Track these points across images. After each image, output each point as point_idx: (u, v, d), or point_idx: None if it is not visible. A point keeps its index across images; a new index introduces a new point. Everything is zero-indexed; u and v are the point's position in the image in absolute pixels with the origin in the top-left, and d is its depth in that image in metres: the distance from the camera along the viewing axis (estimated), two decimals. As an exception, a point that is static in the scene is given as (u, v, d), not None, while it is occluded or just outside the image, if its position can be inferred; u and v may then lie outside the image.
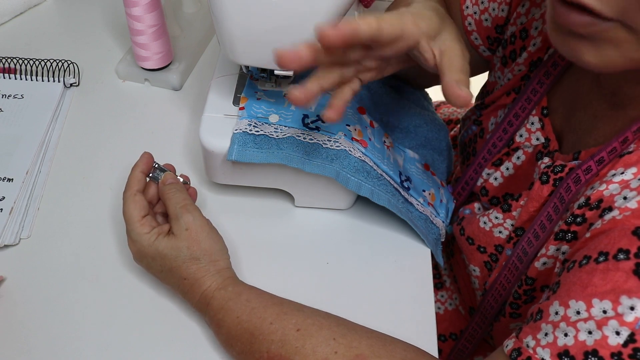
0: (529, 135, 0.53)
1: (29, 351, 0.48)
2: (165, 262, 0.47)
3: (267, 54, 0.48)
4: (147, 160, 0.52)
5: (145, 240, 0.47)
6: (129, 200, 0.49)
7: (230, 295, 0.46)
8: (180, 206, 0.49)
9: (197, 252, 0.47)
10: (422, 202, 0.56)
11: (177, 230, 0.48)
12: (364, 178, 0.51)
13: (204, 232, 0.48)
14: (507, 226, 0.52)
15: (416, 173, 0.58)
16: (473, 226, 0.55)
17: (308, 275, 0.54)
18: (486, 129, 0.59)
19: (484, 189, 0.57)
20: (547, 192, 0.47)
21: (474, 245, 0.55)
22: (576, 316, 0.36)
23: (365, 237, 0.57)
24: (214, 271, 0.47)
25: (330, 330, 0.44)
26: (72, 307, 0.51)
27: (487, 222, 0.54)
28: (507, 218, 0.52)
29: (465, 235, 0.56)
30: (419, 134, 0.59)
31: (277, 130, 0.52)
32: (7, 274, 0.52)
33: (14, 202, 0.57)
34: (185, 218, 0.48)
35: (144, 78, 0.70)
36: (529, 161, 0.52)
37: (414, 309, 0.52)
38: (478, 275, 0.56)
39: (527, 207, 0.49)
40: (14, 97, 0.67)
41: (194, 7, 0.77)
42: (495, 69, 0.59)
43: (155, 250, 0.47)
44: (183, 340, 0.49)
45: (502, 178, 0.55)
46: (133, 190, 0.49)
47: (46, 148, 0.62)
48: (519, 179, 0.54)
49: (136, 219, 0.48)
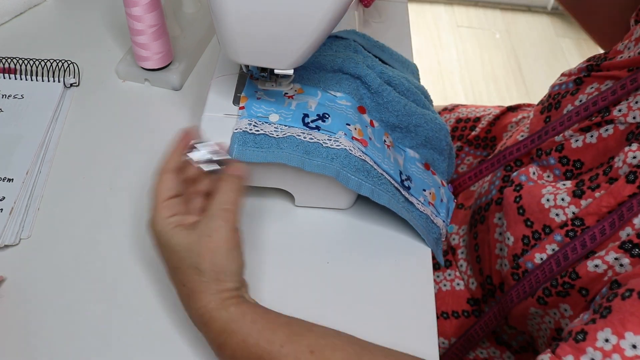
0: (627, 112, 0.50)
1: (29, 351, 0.48)
2: (172, 258, 0.44)
3: (267, 54, 0.48)
4: (187, 136, 0.47)
5: (160, 225, 0.44)
6: (156, 180, 0.45)
7: (233, 316, 0.42)
8: (222, 208, 0.44)
9: (204, 264, 0.42)
10: (422, 201, 0.56)
11: (200, 231, 0.43)
12: (365, 177, 0.51)
13: (224, 247, 0.43)
14: (568, 212, 0.50)
15: (416, 172, 0.58)
16: (533, 199, 0.53)
17: (308, 275, 0.54)
18: (582, 91, 0.56)
19: (561, 145, 0.54)
20: (629, 193, 0.45)
21: (524, 216, 0.53)
22: (632, 350, 0.35)
23: (366, 237, 0.57)
24: (214, 290, 0.43)
25: (345, 352, 0.42)
26: (73, 307, 0.51)
27: (550, 200, 0.51)
28: (572, 204, 0.50)
29: (519, 204, 0.53)
30: (419, 133, 0.59)
31: (277, 129, 0.52)
32: (8, 274, 0.52)
33: (14, 202, 0.57)
34: (215, 222, 0.43)
35: (144, 78, 0.70)
36: (616, 138, 0.50)
37: (414, 309, 0.52)
38: (509, 245, 0.54)
39: (601, 200, 0.47)
40: (14, 97, 0.67)
41: (194, 7, 0.77)
42: (632, 38, 0.55)
43: (168, 240, 0.44)
44: (183, 340, 0.49)
45: (582, 143, 0.53)
46: (164, 168, 0.45)
47: (46, 148, 0.62)
48: (598, 151, 0.51)
49: (159, 199, 0.44)
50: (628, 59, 0.53)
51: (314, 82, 0.56)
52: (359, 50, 0.61)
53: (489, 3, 2.38)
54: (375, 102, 0.58)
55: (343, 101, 0.55)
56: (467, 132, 0.80)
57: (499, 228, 0.60)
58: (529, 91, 2.03)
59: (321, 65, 0.57)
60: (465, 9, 2.38)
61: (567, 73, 0.61)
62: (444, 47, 2.19)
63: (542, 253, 0.51)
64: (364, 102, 0.57)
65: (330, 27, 0.46)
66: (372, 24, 0.81)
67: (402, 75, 0.61)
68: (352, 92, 0.56)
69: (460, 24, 2.30)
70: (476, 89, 2.03)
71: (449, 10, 2.37)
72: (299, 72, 0.57)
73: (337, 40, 0.62)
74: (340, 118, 0.53)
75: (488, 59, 2.15)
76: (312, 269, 0.54)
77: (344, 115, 0.54)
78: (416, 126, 0.59)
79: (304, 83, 0.56)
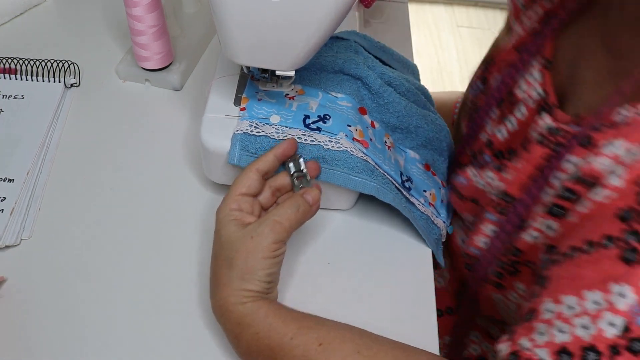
0: (528, 87, 0.51)
1: (30, 351, 0.48)
2: (216, 245, 0.46)
3: (268, 54, 0.48)
4: (286, 146, 0.49)
5: (222, 214, 0.46)
6: (242, 173, 0.47)
7: (248, 311, 0.44)
8: (275, 219, 0.45)
9: (237, 260, 0.44)
10: (423, 202, 0.56)
11: (247, 231, 0.45)
12: (368, 177, 0.51)
13: (260, 253, 0.44)
14: (500, 189, 0.51)
15: (417, 173, 0.58)
16: (470, 187, 0.55)
17: (309, 275, 0.54)
18: (490, 86, 0.57)
19: (489, 141, 0.55)
20: (543, 156, 0.46)
21: (466, 203, 0.54)
22: (569, 311, 0.35)
23: (366, 237, 0.57)
24: (236, 287, 0.44)
25: (354, 343, 0.43)
26: (73, 307, 0.51)
27: (480, 182, 0.53)
28: (500, 180, 0.51)
29: (464, 196, 0.55)
30: (420, 134, 0.59)
31: (278, 131, 0.52)
32: (8, 275, 0.52)
33: (15, 203, 0.57)
34: (263, 228, 0.44)
35: (145, 78, 0.70)
36: (532, 116, 0.51)
37: (414, 309, 0.52)
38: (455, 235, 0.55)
39: (519, 170, 0.48)
40: (14, 97, 0.67)
41: (194, 7, 0.77)
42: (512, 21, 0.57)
43: (220, 228, 0.46)
44: (184, 341, 0.49)
45: (507, 133, 0.53)
46: (252, 167, 0.47)
47: (47, 148, 0.62)
48: (522, 135, 0.52)
49: (234, 192, 0.46)
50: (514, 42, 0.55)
51: (315, 83, 0.56)
52: (359, 51, 0.61)
53: (489, 3, 2.38)
54: (376, 103, 0.58)
55: (344, 102, 0.55)
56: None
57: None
58: (528, 91, 2.03)
59: (322, 66, 0.57)
60: (465, 9, 2.38)
61: (474, 77, 0.63)
62: (444, 47, 2.19)
63: (479, 235, 0.52)
64: (364, 103, 0.57)
65: (332, 29, 0.46)
66: (372, 24, 0.81)
67: (402, 76, 0.61)
68: (353, 93, 0.56)
69: (460, 24, 2.30)
70: (476, 88, 2.03)
71: (449, 10, 2.37)
72: (300, 73, 0.57)
73: (338, 41, 0.62)
74: (341, 119, 0.53)
75: (488, 59, 2.15)
76: (313, 269, 0.54)
77: (345, 117, 0.54)
78: (416, 127, 0.59)
79: (305, 84, 0.56)
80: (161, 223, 0.57)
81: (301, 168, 0.49)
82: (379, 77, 0.58)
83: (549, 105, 0.49)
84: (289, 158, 0.50)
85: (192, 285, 0.52)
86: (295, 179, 0.49)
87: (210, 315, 0.50)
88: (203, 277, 0.53)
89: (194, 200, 0.59)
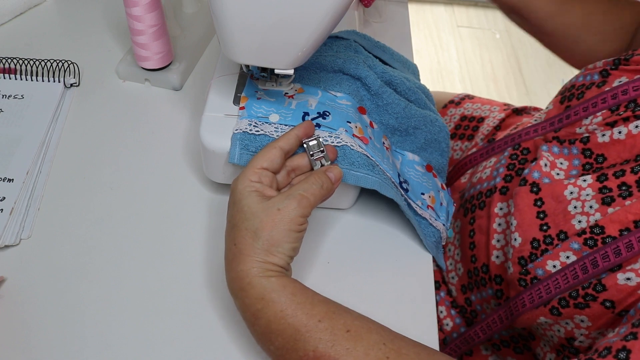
0: None
1: (30, 351, 0.48)
2: (236, 216, 0.44)
3: (267, 53, 0.48)
4: (307, 125, 0.49)
5: (242, 185, 0.45)
6: (265, 148, 0.47)
7: (274, 286, 0.42)
8: (300, 193, 0.44)
9: (262, 232, 0.43)
10: (420, 205, 0.56)
11: (272, 203, 0.44)
12: (370, 171, 0.51)
13: (287, 225, 0.43)
14: (591, 220, 0.48)
15: (414, 176, 0.58)
16: (559, 205, 0.50)
17: (309, 274, 0.54)
18: (609, 83, 0.54)
19: (587, 137, 0.53)
20: None
21: (542, 220, 0.51)
22: None
23: (366, 236, 0.57)
24: (261, 259, 0.43)
25: (379, 335, 0.42)
26: (73, 307, 0.51)
27: (578, 207, 0.49)
28: (598, 211, 0.48)
29: (541, 208, 0.52)
30: (419, 135, 0.59)
31: (278, 129, 0.52)
32: (8, 275, 0.52)
33: (15, 203, 0.57)
34: (290, 201, 0.44)
35: (144, 78, 0.70)
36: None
37: (414, 309, 0.52)
38: (515, 246, 0.53)
39: (630, 208, 0.45)
40: (14, 97, 0.67)
41: (194, 7, 0.77)
42: None
43: (240, 198, 0.44)
44: (184, 341, 0.49)
45: (609, 138, 0.51)
46: (276, 143, 0.47)
47: (46, 148, 0.62)
48: (625, 147, 0.50)
49: (255, 165, 0.46)
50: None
51: (315, 82, 0.56)
52: (359, 50, 0.61)
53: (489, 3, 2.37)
54: (375, 104, 0.58)
55: (343, 101, 0.55)
56: (470, 132, 0.80)
57: (498, 219, 0.58)
58: (529, 91, 2.03)
59: (322, 65, 0.57)
60: (465, 9, 2.38)
61: (592, 67, 0.59)
62: (444, 47, 2.19)
63: (554, 260, 0.50)
64: (364, 103, 0.57)
65: (331, 27, 0.46)
66: (372, 24, 0.81)
67: (403, 75, 0.61)
68: (353, 93, 0.56)
69: (460, 24, 2.30)
70: (476, 89, 2.03)
71: (449, 10, 2.37)
72: (300, 72, 0.57)
73: (338, 41, 0.62)
74: (341, 116, 0.53)
75: (488, 59, 2.15)
76: (312, 268, 0.54)
77: (345, 114, 0.54)
78: (415, 128, 0.59)
79: (305, 83, 0.56)
80: (161, 222, 0.57)
81: (321, 148, 0.49)
82: (380, 77, 0.58)
83: None
84: (306, 140, 0.49)
85: (192, 285, 0.52)
86: (316, 159, 0.49)
87: (210, 314, 0.50)
88: (203, 276, 0.53)
89: (194, 199, 0.59)
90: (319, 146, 0.49)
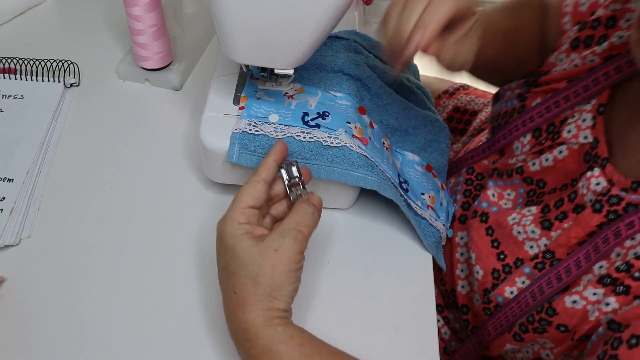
0: (577, 132, 0.49)
1: (30, 351, 0.48)
2: (231, 262, 0.43)
3: (267, 53, 0.48)
4: (281, 148, 0.47)
5: (231, 227, 0.43)
6: (248, 184, 0.45)
7: (281, 336, 0.41)
8: (294, 228, 0.43)
9: (262, 277, 0.41)
10: (420, 205, 0.56)
11: (267, 244, 0.42)
12: (369, 172, 0.51)
13: (286, 266, 0.42)
14: (540, 244, 0.50)
15: (414, 176, 0.58)
16: (505, 231, 0.52)
17: (309, 275, 0.54)
18: (527, 107, 0.55)
19: (520, 168, 0.54)
20: (597, 222, 0.45)
21: (498, 249, 0.52)
22: None
23: (366, 236, 0.57)
24: (265, 306, 0.41)
25: None
26: (73, 307, 0.51)
27: (521, 232, 0.52)
28: (543, 236, 0.50)
29: (493, 237, 0.53)
30: (418, 135, 0.59)
31: (277, 129, 0.52)
32: (8, 275, 0.52)
33: (15, 202, 0.57)
34: (285, 239, 0.42)
35: (144, 78, 0.70)
36: (572, 158, 0.49)
37: (414, 309, 0.52)
38: (479, 279, 0.55)
39: (569, 232, 0.47)
40: (14, 97, 0.67)
41: (194, 7, 0.77)
42: (561, 49, 0.54)
43: (233, 244, 0.42)
44: (183, 341, 0.49)
45: (539, 166, 0.52)
46: (259, 177, 0.45)
47: (46, 148, 0.62)
48: (558, 172, 0.51)
49: (241, 204, 0.44)
50: (564, 71, 0.53)
51: (315, 82, 0.56)
52: (359, 50, 0.61)
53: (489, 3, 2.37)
54: (375, 104, 0.57)
55: (343, 101, 0.55)
56: (462, 125, 0.79)
57: (460, 248, 0.59)
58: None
59: (322, 65, 0.57)
60: (465, 9, 2.37)
61: (509, 87, 0.61)
62: (444, 47, 2.19)
63: (512, 286, 0.51)
64: (364, 104, 0.57)
65: (330, 27, 0.46)
66: (372, 23, 0.81)
67: (403, 76, 0.61)
68: (353, 93, 0.56)
69: (460, 24, 2.29)
70: (476, 88, 2.02)
71: (449, 10, 2.36)
72: (300, 72, 0.57)
73: (338, 41, 0.62)
74: (341, 116, 0.53)
75: (488, 58, 2.15)
76: (312, 268, 0.54)
77: (344, 114, 0.53)
78: (415, 128, 0.59)
79: (305, 83, 0.56)
80: (161, 222, 0.57)
81: (296, 175, 0.48)
82: (380, 78, 0.58)
83: (598, 156, 0.47)
84: (282, 167, 0.48)
85: (192, 285, 0.52)
86: (292, 187, 0.48)
87: (210, 314, 0.50)
88: (203, 277, 0.53)
89: (194, 199, 0.59)
90: (292, 174, 0.48)
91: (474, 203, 0.58)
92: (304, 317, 0.51)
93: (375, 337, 0.50)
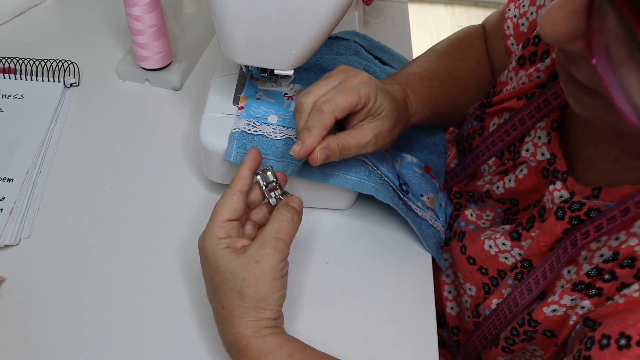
0: (535, 149, 0.51)
1: (29, 351, 0.48)
2: (215, 278, 0.43)
3: (267, 54, 0.48)
4: (255, 156, 0.47)
5: (212, 244, 0.43)
6: (224, 198, 0.45)
7: (270, 347, 0.41)
8: (275, 236, 0.43)
9: (247, 289, 0.41)
10: (420, 206, 0.56)
11: (248, 256, 0.42)
12: (366, 177, 0.51)
13: (270, 276, 0.42)
14: (515, 254, 0.51)
15: (413, 177, 0.58)
16: (477, 247, 0.54)
17: (308, 275, 0.54)
18: (487, 128, 0.57)
19: (487, 192, 0.56)
20: (562, 229, 0.45)
21: (476, 265, 0.54)
22: None
23: (366, 237, 0.57)
24: (253, 317, 0.42)
25: None
26: (73, 307, 0.51)
27: (492, 246, 0.52)
28: (515, 247, 0.51)
29: (467, 255, 0.55)
30: (414, 137, 0.59)
31: (276, 130, 0.52)
32: (8, 274, 0.52)
33: (14, 202, 0.57)
34: (266, 250, 0.42)
35: (144, 78, 0.70)
36: (532, 176, 0.51)
37: (414, 309, 0.52)
38: (472, 295, 0.55)
39: (538, 240, 0.47)
40: (14, 97, 0.67)
41: (194, 7, 0.77)
42: (510, 68, 0.56)
43: (215, 260, 0.43)
44: (183, 341, 0.49)
45: (503, 189, 0.54)
46: (234, 189, 0.45)
47: (46, 148, 0.62)
48: (526, 190, 0.52)
49: (219, 218, 0.44)
50: (514, 89, 0.53)
51: (314, 83, 0.56)
52: (359, 51, 0.61)
53: (489, 3, 2.38)
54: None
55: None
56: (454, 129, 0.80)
57: (446, 269, 0.60)
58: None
59: (322, 67, 0.57)
60: (465, 9, 2.38)
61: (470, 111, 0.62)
62: (444, 47, 2.19)
63: (499, 298, 0.52)
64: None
65: (331, 28, 0.46)
66: (372, 24, 0.81)
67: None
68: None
69: (460, 24, 2.29)
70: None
71: (449, 10, 2.37)
72: (300, 73, 0.57)
73: (338, 41, 0.62)
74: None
75: (488, 59, 2.15)
76: (312, 269, 0.54)
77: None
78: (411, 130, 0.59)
79: (304, 84, 0.56)
80: (161, 222, 0.57)
81: (272, 180, 0.47)
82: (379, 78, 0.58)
83: (558, 170, 0.48)
84: (257, 173, 0.47)
85: (192, 285, 0.52)
86: (270, 191, 0.47)
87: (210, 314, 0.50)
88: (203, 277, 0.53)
89: (194, 199, 0.59)
90: (268, 179, 0.47)
91: (454, 224, 0.59)
92: (304, 317, 0.51)
93: (375, 338, 0.50)
